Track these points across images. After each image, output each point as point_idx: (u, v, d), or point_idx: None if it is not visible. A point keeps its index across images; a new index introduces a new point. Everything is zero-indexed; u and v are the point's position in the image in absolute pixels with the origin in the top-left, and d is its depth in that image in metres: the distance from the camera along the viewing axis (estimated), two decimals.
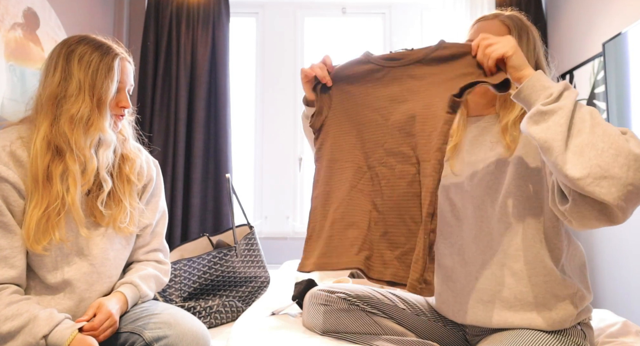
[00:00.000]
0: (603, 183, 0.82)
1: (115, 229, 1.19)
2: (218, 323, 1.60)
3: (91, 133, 1.11)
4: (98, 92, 1.10)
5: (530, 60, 1.11)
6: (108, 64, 1.12)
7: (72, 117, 1.08)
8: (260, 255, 1.77)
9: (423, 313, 1.24)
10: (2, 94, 1.90)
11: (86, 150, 1.10)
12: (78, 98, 1.09)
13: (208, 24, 3.01)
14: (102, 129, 1.12)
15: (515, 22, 1.15)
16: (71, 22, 2.44)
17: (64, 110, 1.09)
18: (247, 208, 3.05)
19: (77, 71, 1.10)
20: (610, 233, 2.45)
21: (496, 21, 1.16)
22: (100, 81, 1.11)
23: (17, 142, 1.08)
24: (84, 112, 1.09)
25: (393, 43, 3.23)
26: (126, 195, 1.21)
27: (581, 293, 1.07)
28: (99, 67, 1.11)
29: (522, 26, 1.15)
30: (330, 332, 1.18)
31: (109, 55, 1.13)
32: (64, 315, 1.03)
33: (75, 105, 1.09)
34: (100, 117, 1.11)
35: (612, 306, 2.37)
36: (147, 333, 1.03)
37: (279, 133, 3.18)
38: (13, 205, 1.05)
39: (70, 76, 1.10)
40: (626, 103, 2.25)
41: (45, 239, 1.05)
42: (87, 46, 1.13)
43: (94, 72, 1.11)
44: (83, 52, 1.12)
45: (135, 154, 1.26)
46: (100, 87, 1.10)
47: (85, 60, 1.11)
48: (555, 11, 3.01)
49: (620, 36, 2.28)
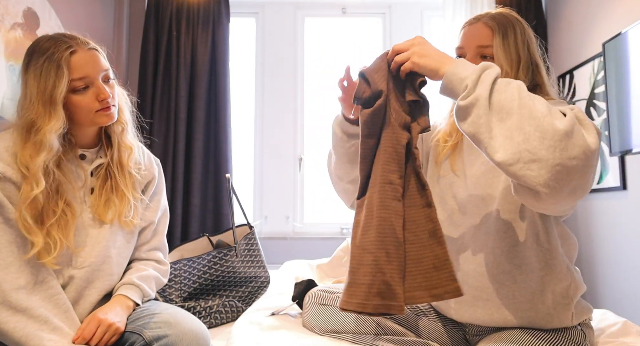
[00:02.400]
0: (533, 166, 0.82)
1: (120, 223, 1.19)
2: (218, 323, 1.60)
3: (38, 142, 1.05)
4: (47, 94, 1.04)
5: (513, 55, 1.10)
6: (57, 62, 1.05)
7: (20, 131, 1.06)
8: (260, 255, 1.77)
9: (423, 313, 1.24)
10: (2, 94, 1.90)
11: (33, 168, 1.03)
12: (29, 109, 1.06)
13: (208, 24, 3.01)
14: (48, 132, 1.04)
15: (498, 21, 1.13)
16: (71, 22, 2.44)
17: (17, 124, 1.07)
18: (247, 208, 3.05)
19: (31, 79, 1.06)
20: (610, 233, 2.45)
21: (479, 24, 1.14)
22: (49, 82, 1.04)
23: None
24: (31, 118, 1.05)
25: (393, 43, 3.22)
26: (129, 187, 1.21)
27: (574, 283, 1.07)
28: (49, 67, 1.05)
29: (506, 23, 1.13)
30: (330, 332, 1.18)
31: (58, 52, 1.06)
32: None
33: (24, 118, 1.06)
34: (48, 120, 1.05)
35: (612, 306, 2.37)
36: (147, 333, 1.03)
37: (279, 133, 3.18)
38: (16, 204, 1.05)
39: (25, 86, 1.08)
40: (626, 103, 2.25)
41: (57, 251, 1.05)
42: (41, 49, 1.08)
43: (44, 76, 1.05)
44: (37, 57, 1.07)
45: (132, 143, 1.24)
46: (48, 88, 1.04)
47: (38, 65, 1.05)
48: (555, 11, 3.01)
49: (620, 36, 2.28)
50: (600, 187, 2.50)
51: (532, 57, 1.14)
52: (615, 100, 2.33)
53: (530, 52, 1.14)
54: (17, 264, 1.02)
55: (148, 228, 1.30)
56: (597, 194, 2.54)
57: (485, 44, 1.11)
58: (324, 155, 1.34)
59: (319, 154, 3.22)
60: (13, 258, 1.02)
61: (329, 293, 1.24)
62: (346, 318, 1.18)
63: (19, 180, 1.05)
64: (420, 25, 3.24)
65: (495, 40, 1.11)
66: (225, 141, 2.93)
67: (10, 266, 1.01)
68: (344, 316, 1.19)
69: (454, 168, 1.19)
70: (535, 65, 1.15)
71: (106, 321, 1.05)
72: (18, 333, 0.97)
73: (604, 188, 2.47)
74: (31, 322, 0.99)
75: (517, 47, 1.11)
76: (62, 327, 1.02)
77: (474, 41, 1.13)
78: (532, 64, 1.14)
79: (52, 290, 1.05)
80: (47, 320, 1.01)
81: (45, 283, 1.04)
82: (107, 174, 1.20)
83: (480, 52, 1.12)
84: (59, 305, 1.05)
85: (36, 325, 0.99)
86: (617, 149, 2.32)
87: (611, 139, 2.36)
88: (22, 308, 0.99)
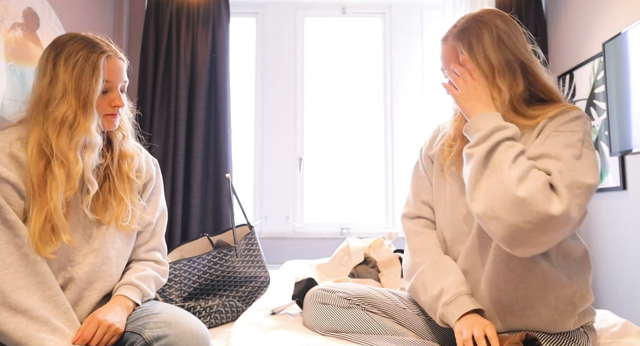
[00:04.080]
0: (493, 222, 0.94)
1: (118, 227, 1.20)
2: (218, 323, 1.60)
3: (76, 136, 1.09)
4: (84, 93, 1.09)
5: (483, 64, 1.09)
6: (93, 63, 1.10)
7: (56, 120, 1.07)
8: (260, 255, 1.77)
9: (423, 313, 1.24)
10: (2, 94, 1.90)
11: (70, 154, 1.08)
12: (62, 101, 1.08)
13: (208, 24, 3.01)
14: (88, 131, 1.10)
15: (461, 34, 1.12)
16: (71, 22, 2.44)
17: (49, 113, 1.08)
18: (247, 208, 3.05)
19: (62, 73, 1.09)
20: (610, 233, 2.45)
21: (446, 44, 1.16)
22: (85, 82, 1.09)
23: (16, 143, 1.08)
24: (68, 114, 1.08)
25: (393, 43, 3.23)
26: (127, 192, 1.21)
27: (580, 293, 1.06)
28: (84, 67, 1.09)
29: (470, 33, 1.11)
30: (330, 331, 1.18)
31: (95, 54, 1.11)
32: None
33: (59, 108, 1.08)
34: (85, 119, 1.10)
35: (613, 306, 2.37)
36: (147, 333, 1.03)
37: (279, 133, 3.18)
38: (14, 205, 1.05)
39: (56, 79, 1.09)
40: (626, 103, 2.25)
41: (52, 244, 1.06)
42: (74, 46, 1.12)
43: (78, 73, 1.09)
44: (69, 53, 1.11)
45: (134, 151, 1.26)
46: (85, 87, 1.09)
47: (71, 62, 1.10)
48: (555, 11, 3.01)
49: (620, 36, 2.28)
50: (600, 187, 2.50)
51: (512, 56, 1.09)
52: (615, 100, 2.33)
53: (508, 51, 1.09)
54: (16, 265, 1.02)
55: (146, 229, 1.30)
56: (597, 194, 2.54)
57: (456, 63, 1.13)
58: (324, 155, 1.35)
59: (319, 154, 3.22)
60: (12, 259, 1.02)
61: (329, 292, 1.23)
62: (346, 318, 1.18)
63: (17, 181, 1.05)
64: (420, 25, 3.24)
65: (462, 58, 1.11)
66: (225, 141, 2.93)
67: (10, 267, 1.01)
68: (344, 315, 1.19)
69: (460, 175, 1.17)
70: (521, 63, 1.10)
71: (106, 322, 1.05)
72: (18, 334, 0.97)
73: (604, 188, 2.47)
74: (31, 323, 0.98)
75: (485, 53, 1.09)
76: (62, 328, 1.02)
77: (447, 62, 1.16)
78: (515, 63, 1.09)
79: (52, 291, 1.05)
80: (47, 320, 1.00)
81: (44, 284, 1.04)
82: (105, 176, 1.21)
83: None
84: (59, 306, 1.05)
85: (36, 326, 0.99)
86: (617, 149, 2.32)
87: (611, 139, 2.36)
88: (22, 308, 0.99)
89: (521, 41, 1.12)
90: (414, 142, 3.17)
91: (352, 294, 1.22)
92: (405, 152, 3.16)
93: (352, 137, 3.26)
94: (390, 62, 3.23)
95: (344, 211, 3.21)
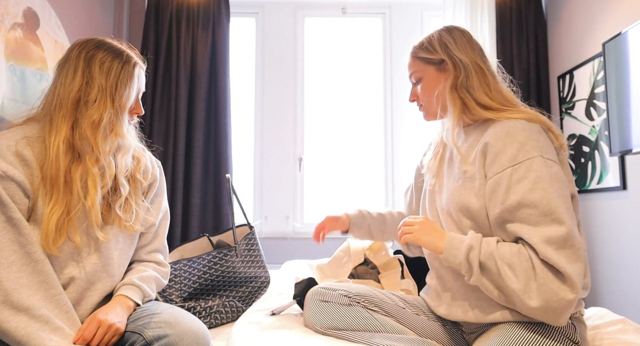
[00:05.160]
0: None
1: (121, 228, 1.20)
2: (218, 323, 1.60)
3: (111, 139, 1.14)
4: (119, 99, 1.15)
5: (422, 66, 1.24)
6: (129, 72, 1.17)
7: (94, 122, 1.11)
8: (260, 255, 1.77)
9: (423, 312, 1.25)
10: (2, 94, 1.90)
11: (106, 155, 1.13)
12: (100, 103, 1.12)
13: (208, 24, 3.01)
14: (122, 135, 1.16)
15: (412, 48, 1.28)
16: (71, 22, 2.44)
17: (87, 114, 1.11)
18: (247, 208, 3.06)
19: (98, 76, 1.13)
20: (610, 233, 2.46)
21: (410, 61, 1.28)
22: (122, 89, 1.15)
23: (22, 142, 1.09)
24: (105, 118, 1.12)
25: (393, 43, 3.23)
26: (132, 194, 1.22)
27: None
28: (121, 74, 1.15)
29: (414, 48, 1.28)
30: (330, 329, 1.19)
31: (130, 64, 1.18)
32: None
33: (97, 111, 1.12)
34: (120, 123, 1.16)
35: (612, 305, 2.37)
36: (147, 332, 1.03)
37: (279, 133, 3.18)
38: (19, 204, 1.05)
39: (92, 81, 1.13)
40: (626, 103, 2.25)
41: (61, 240, 1.07)
42: (107, 52, 1.17)
43: (115, 80, 1.14)
44: (104, 59, 1.15)
45: (139, 153, 1.29)
46: (122, 94, 1.15)
47: (107, 67, 1.15)
48: (555, 11, 3.01)
49: (620, 36, 2.28)
50: (600, 187, 2.50)
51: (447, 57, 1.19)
52: (615, 100, 2.33)
53: (445, 52, 1.20)
54: (19, 263, 1.02)
55: (149, 230, 1.30)
56: (597, 194, 2.54)
57: (410, 73, 1.28)
58: (324, 155, 1.40)
59: (319, 154, 3.22)
60: (15, 257, 1.02)
61: (330, 290, 1.24)
62: (347, 315, 1.19)
63: (22, 179, 1.06)
64: (420, 25, 3.24)
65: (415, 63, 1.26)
66: (225, 141, 2.93)
67: (12, 266, 1.01)
68: (344, 313, 1.19)
69: (437, 181, 1.25)
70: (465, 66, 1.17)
71: (106, 322, 1.05)
72: (20, 333, 0.97)
73: (604, 188, 2.47)
74: (33, 322, 0.99)
75: (429, 51, 1.22)
76: (63, 328, 1.02)
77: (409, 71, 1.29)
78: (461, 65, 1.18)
79: (54, 290, 1.05)
80: (49, 320, 1.01)
81: (46, 283, 1.04)
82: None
83: (412, 81, 1.29)
84: (60, 306, 1.05)
85: (37, 325, 0.99)
86: (617, 149, 2.32)
87: (611, 139, 2.36)
88: (24, 307, 0.99)
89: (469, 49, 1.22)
90: (414, 142, 3.17)
91: (352, 292, 1.23)
92: (405, 152, 3.17)
93: (352, 137, 3.26)
94: (390, 62, 3.23)
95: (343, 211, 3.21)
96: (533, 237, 0.97)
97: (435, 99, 1.21)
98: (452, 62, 1.17)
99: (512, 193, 1.01)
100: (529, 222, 0.99)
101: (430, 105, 1.24)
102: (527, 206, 0.99)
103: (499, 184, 1.03)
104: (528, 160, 1.01)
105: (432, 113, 1.25)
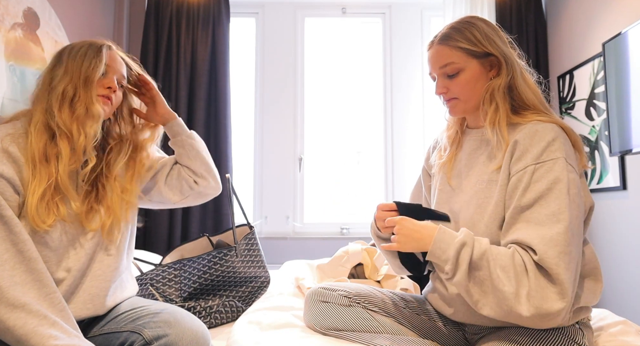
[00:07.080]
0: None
1: (103, 236, 1.20)
2: (218, 323, 1.60)
3: (77, 108, 1.15)
4: (85, 71, 1.17)
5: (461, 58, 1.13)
6: (95, 49, 1.20)
7: (58, 95, 1.14)
8: (260, 255, 1.77)
9: (423, 312, 1.24)
10: (2, 94, 1.90)
11: (72, 127, 1.14)
12: (64, 77, 1.16)
13: (208, 24, 3.01)
14: (89, 102, 1.16)
15: (445, 37, 1.16)
16: (71, 22, 2.44)
17: (52, 89, 1.16)
18: (247, 208, 3.05)
19: (66, 59, 1.19)
20: (610, 233, 2.45)
21: (434, 46, 1.18)
22: (87, 62, 1.18)
23: (6, 139, 1.09)
24: (68, 89, 1.15)
25: (393, 43, 3.23)
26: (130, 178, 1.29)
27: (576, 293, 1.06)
28: (87, 52, 1.20)
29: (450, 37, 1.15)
30: (330, 329, 1.18)
31: (97, 43, 1.22)
32: None
33: (61, 83, 1.15)
34: (86, 92, 1.17)
35: (612, 306, 2.37)
36: (147, 332, 1.03)
37: (279, 133, 3.18)
38: (10, 200, 1.05)
39: (60, 63, 1.19)
40: (626, 103, 2.25)
41: (49, 217, 1.08)
42: (80, 42, 1.23)
43: (82, 56, 1.19)
44: (75, 46, 1.22)
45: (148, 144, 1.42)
46: (87, 66, 1.17)
47: (75, 50, 1.20)
48: (555, 11, 3.01)
49: (620, 36, 2.28)
50: (600, 187, 2.50)
51: (498, 53, 1.13)
52: (615, 100, 2.33)
53: (494, 47, 1.13)
54: (12, 262, 1.02)
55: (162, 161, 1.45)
56: (597, 194, 2.54)
57: (444, 64, 1.15)
58: (324, 155, 1.38)
59: (319, 154, 3.22)
60: (8, 255, 1.01)
61: (330, 291, 1.24)
62: (347, 316, 1.19)
63: (11, 175, 1.06)
64: (420, 25, 3.24)
65: (453, 53, 1.14)
66: (225, 141, 2.93)
67: (6, 264, 1.01)
68: (344, 313, 1.19)
69: (450, 183, 1.22)
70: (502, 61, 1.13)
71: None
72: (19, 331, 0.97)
73: (604, 188, 2.47)
74: (30, 318, 0.98)
75: (473, 43, 1.13)
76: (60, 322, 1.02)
77: (435, 65, 1.17)
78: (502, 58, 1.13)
79: (47, 289, 1.05)
80: (46, 315, 1.01)
81: (40, 281, 1.04)
82: (95, 182, 1.22)
83: (444, 72, 1.16)
84: (55, 304, 1.05)
85: (35, 321, 0.99)
86: (617, 149, 2.32)
87: (611, 139, 2.36)
88: (20, 303, 0.99)
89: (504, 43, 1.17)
90: (414, 142, 3.17)
91: (352, 293, 1.23)
92: (405, 151, 3.16)
93: (352, 137, 3.26)
94: (390, 62, 3.23)
95: (344, 211, 3.21)
96: (534, 237, 0.96)
97: (475, 94, 1.15)
98: (503, 58, 1.13)
99: (529, 191, 1.00)
100: (535, 220, 0.98)
101: (469, 99, 1.15)
102: (539, 204, 0.98)
103: (520, 181, 1.02)
104: (552, 160, 1.01)
105: (467, 109, 1.17)
